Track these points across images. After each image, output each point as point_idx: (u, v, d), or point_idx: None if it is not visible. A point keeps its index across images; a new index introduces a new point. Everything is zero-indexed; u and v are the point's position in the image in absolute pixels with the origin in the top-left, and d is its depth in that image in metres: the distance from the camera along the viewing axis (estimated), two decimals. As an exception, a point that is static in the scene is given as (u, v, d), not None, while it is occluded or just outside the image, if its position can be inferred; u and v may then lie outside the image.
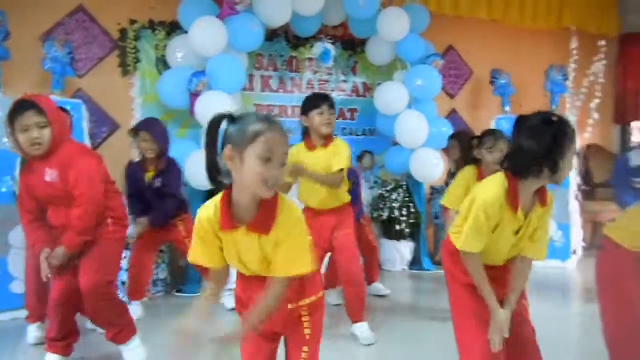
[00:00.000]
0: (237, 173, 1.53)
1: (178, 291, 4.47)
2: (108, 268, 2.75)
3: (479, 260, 2.02)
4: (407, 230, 5.41)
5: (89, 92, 4.62)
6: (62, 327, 2.70)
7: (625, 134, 7.04)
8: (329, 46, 5.02)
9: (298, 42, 5.35)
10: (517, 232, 2.03)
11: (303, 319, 1.76)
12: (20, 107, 2.49)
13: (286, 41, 5.32)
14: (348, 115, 5.65)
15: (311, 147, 3.18)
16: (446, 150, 4.42)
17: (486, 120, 5.89)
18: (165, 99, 4.51)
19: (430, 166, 5.18)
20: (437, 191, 5.68)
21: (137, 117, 4.72)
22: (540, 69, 5.91)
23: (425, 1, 5.68)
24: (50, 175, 2.55)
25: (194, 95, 4.36)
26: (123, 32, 4.75)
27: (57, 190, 2.57)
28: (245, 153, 1.50)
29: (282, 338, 1.86)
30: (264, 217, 1.58)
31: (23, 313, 3.43)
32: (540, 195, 2.01)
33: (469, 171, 3.35)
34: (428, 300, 4.40)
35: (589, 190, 6.46)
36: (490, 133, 3.38)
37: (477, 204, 1.96)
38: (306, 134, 3.22)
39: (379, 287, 4.42)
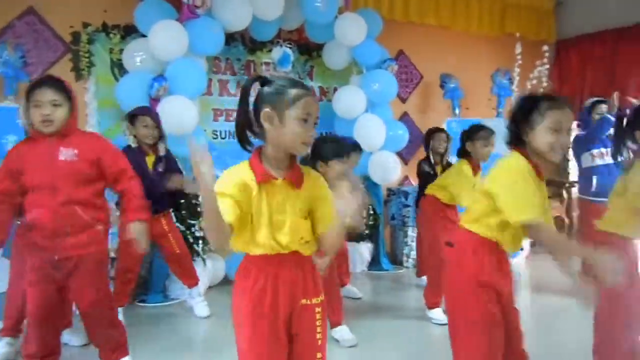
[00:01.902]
0: (275, 132, 1.64)
1: (141, 301, 4.35)
2: (105, 281, 2.67)
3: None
4: (366, 232, 5.51)
5: (40, 98, 4.42)
6: (42, 344, 2.54)
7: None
8: (288, 50, 5.04)
9: (255, 45, 5.33)
10: None
11: (317, 322, 1.76)
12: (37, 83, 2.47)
13: (243, 45, 5.29)
14: (305, 119, 5.67)
15: None
16: None
17: (437, 123, 6.03)
18: (123, 103, 4.38)
19: (388, 168, 5.30)
20: (394, 193, 5.82)
21: (92, 122, 4.58)
22: (487, 73, 6.16)
23: (377, 7, 5.82)
24: (67, 154, 2.47)
25: (154, 100, 4.27)
26: (75, 35, 4.57)
27: (73, 171, 2.49)
28: (285, 114, 1.62)
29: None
30: (297, 172, 1.72)
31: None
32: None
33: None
34: (394, 300, 4.51)
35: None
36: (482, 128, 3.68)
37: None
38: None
39: (351, 289, 4.48)
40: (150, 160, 3.72)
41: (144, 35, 4.42)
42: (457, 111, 6.05)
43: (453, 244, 2.16)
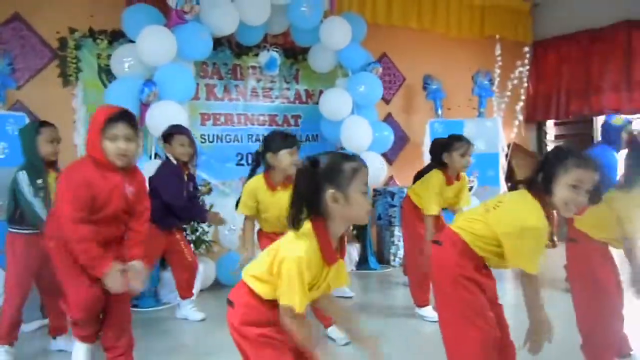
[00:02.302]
0: (342, 210, 1.68)
1: (133, 306, 4.34)
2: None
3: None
4: (354, 232, 5.59)
5: (27, 104, 4.41)
6: (93, 326, 2.70)
7: (541, 132, 7.62)
8: (275, 54, 5.09)
9: (241, 50, 5.38)
10: None
11: None
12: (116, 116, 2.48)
13: (229, 49, 5.34)
14: (292, 122, 5.74)
15: (272, 187, 3.14)
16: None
17: (420, 124, 6.21)
18: (113, 109, 4.38)
19: (374, 169, 5.37)
20: (380, 193, 5.90)
21: (80, 128, 4.57)
22: (468, 74, 6.28)
23: (361, 11, 5.90)
24: (129, 190, 2.56)
25: (145, 105, 4.29)
26: (62, 41, 4.58)
27: (129, 206, 2.60)
28: (348, 191, 1.66)
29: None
30: (344, 243, 1.81)
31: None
32: None
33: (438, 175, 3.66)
34: (383, 298, 4.60)
35: (512, 187, 6.92)
36: (460, 139, 3.61)
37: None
38: (267, 170, 3.17)
39: (343, 288, 4.54)
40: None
41: (131, 41, 4.43)
42: (439, 112, 6.16)
43: (441, 242, 2.25)
